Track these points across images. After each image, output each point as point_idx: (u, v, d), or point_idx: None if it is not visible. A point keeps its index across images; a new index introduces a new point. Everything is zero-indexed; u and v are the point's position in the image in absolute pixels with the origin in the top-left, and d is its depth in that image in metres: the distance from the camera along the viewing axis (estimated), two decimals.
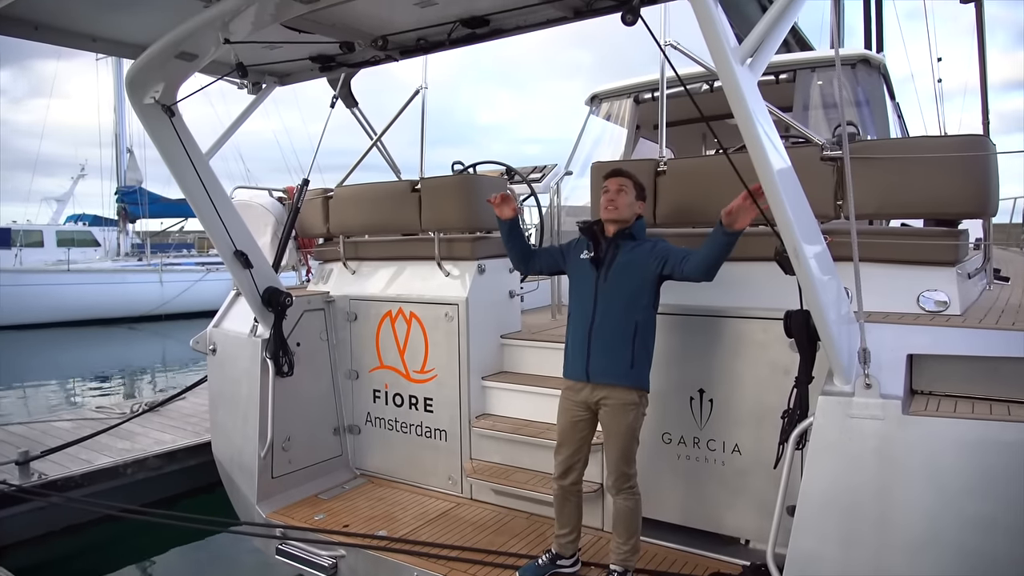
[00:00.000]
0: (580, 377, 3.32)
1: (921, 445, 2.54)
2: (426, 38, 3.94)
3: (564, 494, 3.49)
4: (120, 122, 26.91)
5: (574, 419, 3.39)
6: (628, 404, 3.24)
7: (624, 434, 3.24)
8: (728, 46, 2.25)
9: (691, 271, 3.13)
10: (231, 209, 4.32)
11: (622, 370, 3.23)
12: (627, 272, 3.26)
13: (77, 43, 3.70)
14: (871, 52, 6.59)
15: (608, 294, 3.27)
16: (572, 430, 3.40)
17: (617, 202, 3.32)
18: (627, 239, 3.34)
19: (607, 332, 3.26)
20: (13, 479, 5.33)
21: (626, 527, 3.34)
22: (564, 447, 3.45)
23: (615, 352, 3.24)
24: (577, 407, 3.36)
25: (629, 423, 3.24)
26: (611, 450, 3.31)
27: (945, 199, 3.13)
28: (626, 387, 3.24)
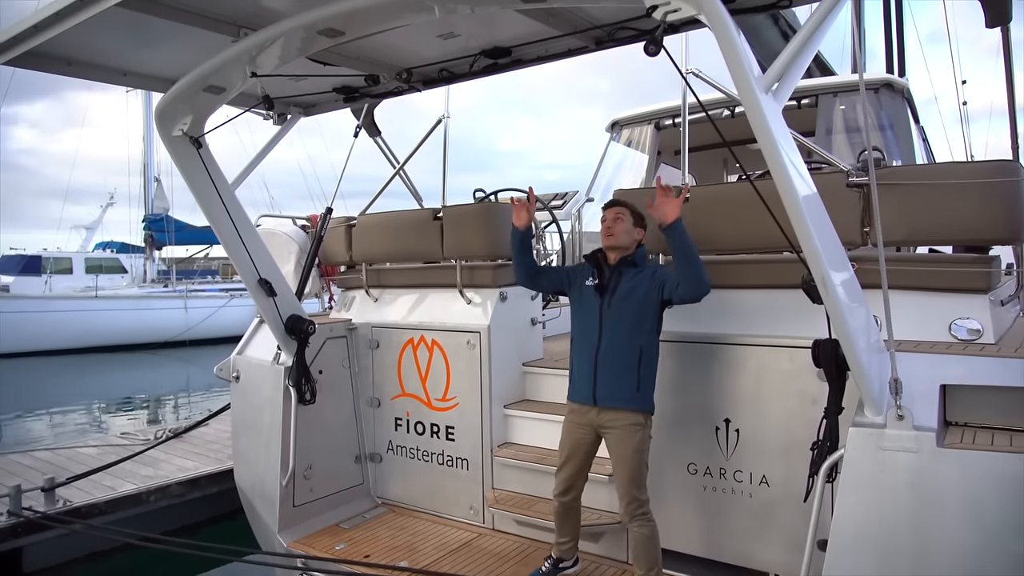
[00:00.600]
0: (587, 400, 3.42)
1: (958, 479, 2.46)
2: (449, 69, 3.99)
3: (565, 509, 3.62)
4: (148, 151, 27.53)
5: (579, 440, 3.49)
6: (634, 425, 3.32)
7: (632, 456, 3.31)
8: (752, 75, 2.25)
9: (682, 291, 3.25)
10: (256, 238, 4.37)
11: (629, 393, 3.33)
12: (631, 298, 3.37)
13: (109, 77, 3.80)
14: (894, 76, 6.55)
15: (613, 320, 3.37)
16: (577, 449, 3.50)
17: (614, 229, 3.46)
18: (629, 266, 3.45)
19: (613, 357, 3.35)
20: (39, 505, 5.37)
21: (645, 556, 3.34)
22: (568, 465, 3.54)
23: (621, 376, 3.34)
24: (582, 428, 3.47)
25: (636, 445, 3.31)
26: (621, 473, 3.35)
27: (976, 225, 3.08)
28: (632, 410, 3.33)
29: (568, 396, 3.56)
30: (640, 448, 3.33)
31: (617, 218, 3.48)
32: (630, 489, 3.32)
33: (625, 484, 3.32)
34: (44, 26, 3.04)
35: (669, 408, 3.76)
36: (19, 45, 3.20)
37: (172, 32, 3.13)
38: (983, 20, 4.44)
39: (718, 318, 3.67)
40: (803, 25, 2.46)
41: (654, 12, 2.36)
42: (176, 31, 3.12)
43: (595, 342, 3.39)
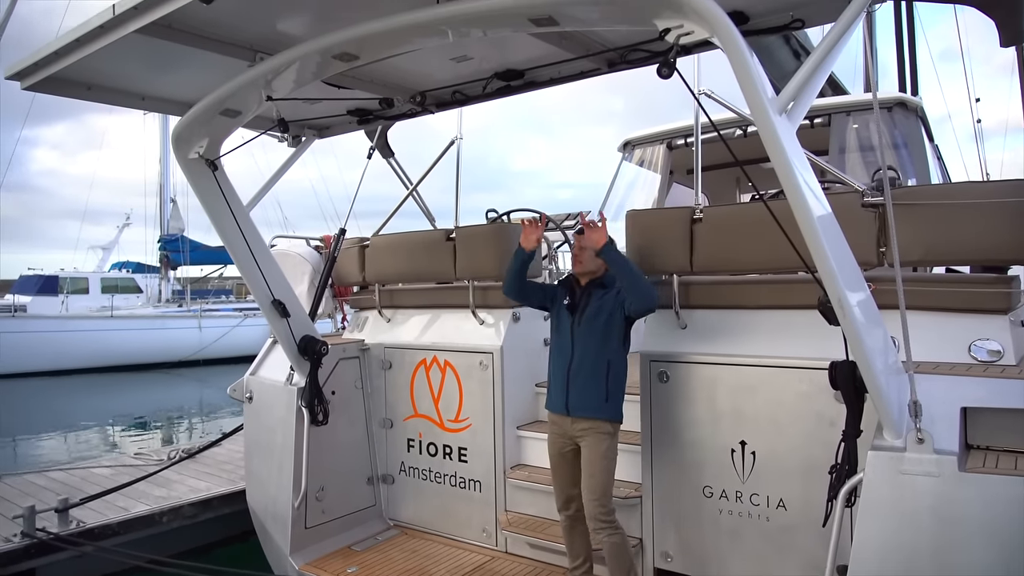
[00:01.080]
0: (561, 410, 3.67)
1: (981, 504, 2.41)
2: (462, 91, 4.02)
3: (571, 523, 3.74)
4: (165, 173, 27.87)
5: (562, 449, 3.71)
6: (603, 434, 3.56)
7: (599, 461, 3.53)
8: (765, 97, 2.24)
9: (633, 306, 3.54)
10: (270, 259, 4.39)
11: (598, 403, 3.58)
12: (598, 317, 3.63)
13: (127, 102, 3.86)
14: (907, 95, 6.55)
15: (583, 336, 3.64)
16: (561, 459, 3.72)
17: (581, 257, 3.76)
18: (598, 288, 3.71)
19: (584, 370, 3.61)
20: (53, 526, 5.37)
21: (619, 565, 3.51)
22: (558, 475, 3.75)
23: (591, 388, 3.59)
24: (562, 439, 3.70)
25: (603, 451, 3.54)
26: (588, 479, 3.56)
27: (993, 245, 3.05)
28: (602, 419, 3.57)
29: (545, 405, 3.83)
30: (607, 455, 3.55)
31: (583, 248, 3.73)
32: (596, 495, 3.52)
33: (591, 489, 3.53)
34: (65, 52, 3.10)
35: (683, 429, 3.73)
36: (40, 70, 3.27)
37: (189, 57, 3.18)
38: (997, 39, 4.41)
39: (733, 338, 3.65)
40: (816, 47, 2.46)
41: (667, 35, 2.37)
42: (193, 56, 3.17)
43: (568, 357, 3.67)
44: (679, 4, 2.24)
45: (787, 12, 2.94)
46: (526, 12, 2.54)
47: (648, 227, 3.97)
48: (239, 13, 2.86)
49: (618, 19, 2.67)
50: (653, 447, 3.83)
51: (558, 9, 2.51)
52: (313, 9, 2.89)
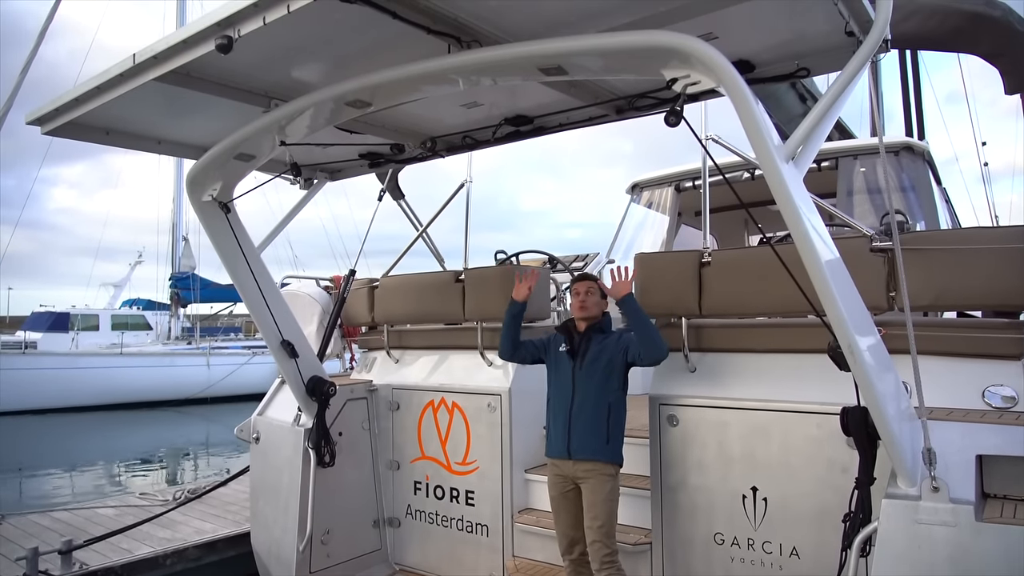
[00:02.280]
0: (562, 455, 3.67)
1: (1000, 555, 2.36)
2: (472, 136, 4.09)
3: (575, 569, 3.71)
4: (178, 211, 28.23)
5: (563, 491, 3.70)
6: (606, 476, 3.57)
7: (601, 503, 3.53)
8: (772, 145, 2.27)
9: (644, 356, 3.58)
10: (279, 300, 4.42)
11: (599, 445, 3.60)
12: (599, 361, 3.67)
13: (144, 146, 3.94)
14: (914, 139, 6.59)
15: (584, 380, 3.68)
16: (563, 500, 3.70)
17: (587, 303, 3.79)
18: (597, 332, 3.77)
19: (585, 413, 3.64)
20: (55, 568, 5.31)
21: None
22: (560, 516, 3.73)
23: (593, 431, 3.61)
24: (564, 481, 3.69)
25: (607, 494, 3.54)
26: (591, 520, 3.54)
27: (1005, 290, 3.03)
28: (603, 461, 3.59)
29: (546, 452, 3.82)
30: (610, 498, 3.56)
31: (589, 291, 3.81)
32: (600, 536, 3.50)
33: (595, 531, 3.51)
34: (85, 99, 3.18)
35: (693, 474, 3.68)
36: (60, 116, 3.35)
37: (205, 103, 3.26)
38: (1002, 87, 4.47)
39: (743, 382, 3.62)
40: (823, 95, 2.50)
41: (674, 84, 2.41)
42: (209, 102, 3.24)
43: (568, 401, 3.69)
44: (686, 55, 2.29)
45: (792, 61, 3.00)
46: (536, 62, 2.60)
47: (657, 270, 3.98)
48: (255, 62, 2.94)
49: (626, 69, 2.72)
50: (663, 492, 3.77)
51: (567, 59, 2.56)
52: (327, 58, 2.97)
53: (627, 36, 2.41)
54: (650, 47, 2.36)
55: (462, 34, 2.69)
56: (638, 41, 2.38)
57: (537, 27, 2.66)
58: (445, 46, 2.71)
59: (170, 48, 2.73)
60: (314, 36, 2.74)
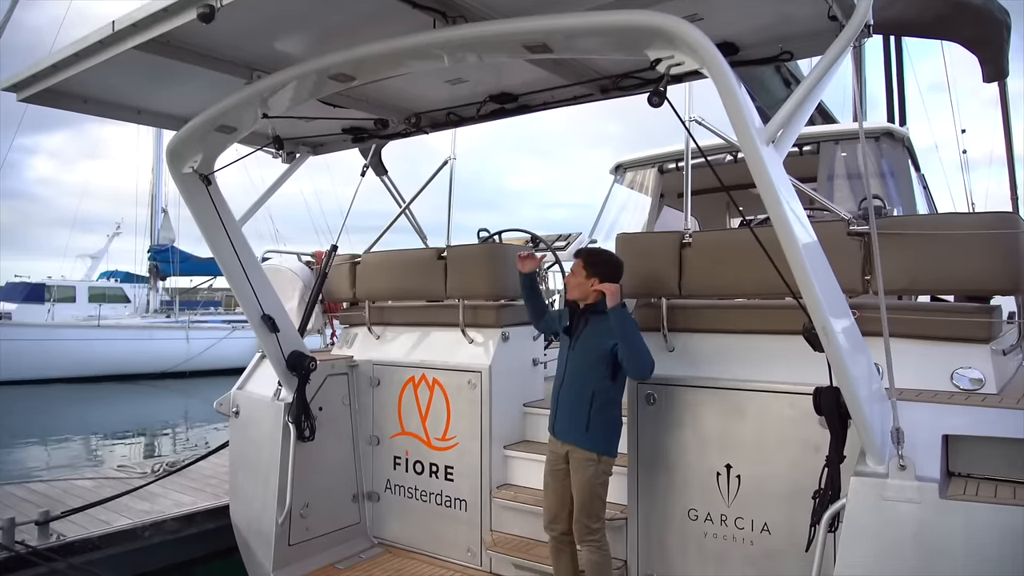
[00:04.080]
0: (552, 431, 3.74)
1: (961, 531, 2.44)
2: (456, 113, 4.07)
3: (557, 545, 3.76)
4: (157, 183, 27.84)
5: (553, 467, 3.73)
6: (587, 460, 3.55)
7: (583, 487, 3.54)
8: (753, 127, 2.29)
9: (626, 369, 3.48)
10: (260, 274, 4.40)
11: (579, 432, 3.57)
12: (589, 343, 3.62)
13: (123, 115, 3.87)
14: (894, 125, 6.65)
15: (574, 362, 3.66)
16: (551, 477, 3.73)
17: (569, 282, 3.74)
18: (596, 314, 3.64)
19: (570, 397, 3.64)
20: (32, 539, 5.30)
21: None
22: (547, 492, 3.77)
23: (573, 415, 3.60)
24: (556, 458, 3.71)
25: (588, 479, 3.53)
26: (575, 500, 3.59)
27: (976, 276, 3.10)
28: (582, 448, 3.56)
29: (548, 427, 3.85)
30: (592, 482, 3.54)
31: (571, 274, 3.73)
32: (581, 516, 3.56)
33: (577, 510, 3.57)
34: (63, 65, 3.12)
35: (669, 452, 3.75)
36: (37, 83, 3.29)
37: (186, 73, 3.21)
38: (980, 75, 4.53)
39: (720, 362, 3.68)
40: (806, 78, 2.52)
41: (658, 65, 2.42)
42: (191, 73, 3.20)
43: (560, 381, 3.71)
44: (670, 35, 2.30)
45: (776, 44, 3.01)
46: (521, 39, 2.59)
47: (638, 250, 4.02)
48: (238, 32, 2.89)
49: (611, 48, 2.72)
50: (639, 469, 3.84)
51: (552, 37, 2.56)
52: (311, 30, 2.93)
53: (612, 15, 2.41)
54: (635, 27, 2.36)
55: (448, 9, 2.67)
56: (623, 20, 2.38)
57: (523, 4, 2.64)
58: (431, 21, 2.69)
59: (150, 16, 2.68)
60: (298, 7, 2.71)
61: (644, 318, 3.97)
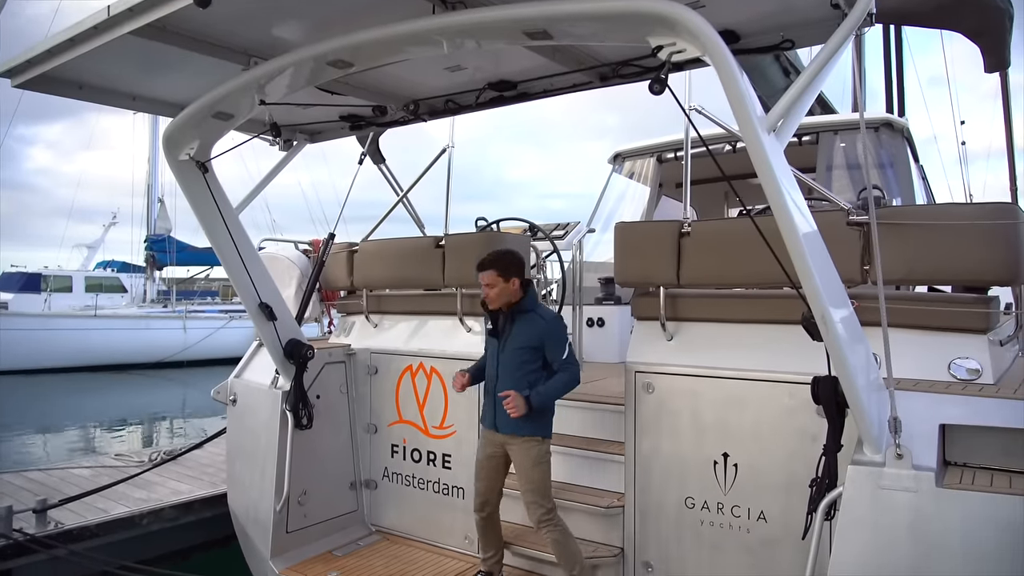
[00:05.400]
0: (491, 428, 3.84)
1: (957, 520, 2.45)
2: (455, 101, 4.04)
3: (485, 523, 3.99)
4: (153, 173, 27.73)
5: (489, 454, 3.88)
6: (530, 443, 3.73)
7: (531, 468, 3.70)
8: (755, 116, 2.28)
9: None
10: (258, 262, 4.39)
11: (522, 422, 3.68)
12: (518, 342, 3.74)
13: (118, 102, 3.85)
14: (894, 116, 6.64)
15: (506, 362, 3.77)
16: (487, 463, 3.90)
17: (489, 296, 3.77)
18: (520, 313, 3.78)
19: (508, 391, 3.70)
20: (30, 527, 5.31)
21: (566, 557, 3.72)
22: (480, 478, 3.93)
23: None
24: (493, 447, 3.86)
25: (534, 458, 3.71)
26: (524, 484, 3.74)
27: (975, 266, 3.10)
28: (526, 436, 3.72)
29: (480, 418, 4.04)
30: (539, 461, 3.72)
31: (488, 285, 3.74)
32: (536, 499, 3.70)
33: (529, 492, 3.71)
34: (58, 51, 3.09)
35: (667, 440, 3.75)
36: (32, 69, 3.26)
37: (183, 60, 3.19)
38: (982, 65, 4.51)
39: (718, 352, 3.68)
40: (806, 67, 2.51)
41: (659, 52, 2.40)
42: (187, 59, 3.17)
43: (494, 380, 3.80)
44: (672, 22, 2.28)
45: (777, 32, 3.00)
46: (521, 25, 2.57)
47: (636, 239, 4.01)
48: (235, 18, 2.87)
49: (612, 35, 2.70)
50: (636, 457, 3.85)
51: (553, 23, 2.54)
52: (309, 16, 2.91)
53: (614, 1, 2.39)
54: (637, 13, 2.35)
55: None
56: (625, 7, 2.36)
57: None
58: (429, 6, 2.67)
59: (146, 1, 2.66)
60: None
61: (642, 307, 3.97)
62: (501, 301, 3.77)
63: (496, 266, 3.73)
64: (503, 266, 3.74)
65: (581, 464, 4.29)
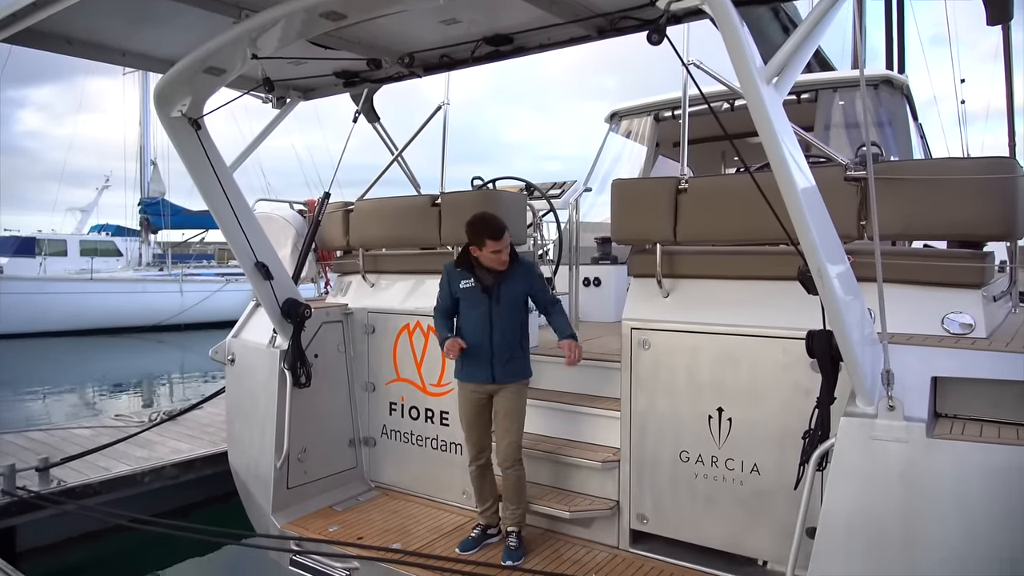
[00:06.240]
0: (486, 381, 3.91)
1: (947, 470, 2.50)
2: (450, 55, 3.99)
3: (481, 472, 4.06)
4: (145, 135, 27.37)
5: (479, 404, 3.97)
6: (521, 388, 3.95)
7: (517, 412, 3.91)
8: (754, 66, 2.26)
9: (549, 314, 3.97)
10: (253, 221, 4.37)
11: (516, 368, 3.92)
12: (511, 293, 3.89)
13: (107, 57, 3.78)
14: (894, 72, 6.57)
15: (503, 316, 3.87)
16: (479, 415, 3.98)
17: (504, 258, 3.82)
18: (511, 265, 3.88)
19: (507, 345, 3.88)
20: (32, 485, 5.38)
21: (519, 496, 3.97)
22: (474, 430, 4.00)
23: (515, 359, 3.91)
24: (480, 395, 3.96)
25: (521, 403, 3.94)
26: (509, 424, 3.88)
27: (971, 221, 3.10)
28: (524, 379, 3.97)
29: (463, 378, 4.00)
30: (523, 404, 3.95)
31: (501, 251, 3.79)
32: (516, 440, 3.90)
33: (515, 432, 3.90)
34: (44, 3, 3.03)
35: (662, 396, 3.79)
36: (18, 22, 3.19)
37: (173, 13, 3.13)
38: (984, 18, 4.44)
39: (713, 308, 3.70)
40: (806, 18, 2.47)
41: (658, 1, 2.37)
42: (177, 11, 3.11)
43: (488, 337, 3.86)
44: None
45: None
46: None
47: (633, 196, 3.99)
48: None
49: None
50: (632, 413, 3.89)
51: None
52: None
53: None
54: None
55: None
56: None
57: None
58: None
59: None
60: None
61: (639, 264, 3.97)
62: (504, 263, 3.84)
63: (506, 229, 3.81)
64: (505, 227, 3.82)
65: (578, 420, 4.34)
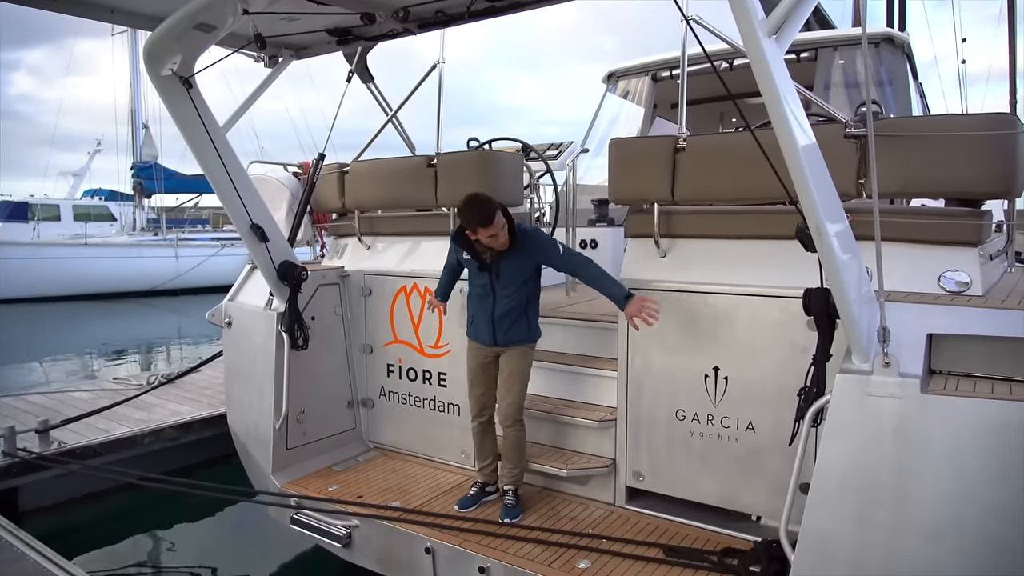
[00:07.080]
0: (490, 344, 3.94)
1: (940, 425, 2.52)
2: (445, 11, 3.91)
3: (483, 429, 4.10)
4: (136, 98, 26.96)
5: (484, 362, 4.01)
6: (527, 350, 3.98)
7: (522, 374, 3.93)
8: (756, 19, 2.22)
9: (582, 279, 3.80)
10: (247, 183, 4.32)
11: (523, 334, 3.93)
12: (514, 269, 3.82)
13: (95, 14, 3.71)
14: (895, 31, 6.47)
15: (504, 289, 3.85)
16: (483, 372, 4.02)
17: (501, 241, 3.71)
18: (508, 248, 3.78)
19: (510, 315, 3.86)
20: (33, 447, 5.42)
21: (518, 455, 4.01)
22: (477, 387, 4.05)
23: (517, 326, 3.90)
24: (485, 354, 3.99)
25: (527, 364, 3.96)
26: (513, 384, 3.91)
27: (970, 179, 3.08)
28: (528, 343, 3.97)
29: (470, 335, 4.06)
30: (528, 366, 3.97)
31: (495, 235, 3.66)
32: (518, 400, 3.92)
33: (518, 392, 3.92)
34: None
35: (659, 355, 3.81)
36: None
37: None
38: None
39: (711, 267, 3.70)
40: None
41: None
42: None
43: (490, 307, 3.88)
44: None
45: None
46: None
47: (631, 156, 3.96)
48: None
49: None
50: (628, 372, 3.92)
51: None
52: None
53: None
54: None
55: None
56: None
57: None
58: None
59: None
60: None
61: (636, 224, 3.96)
62: (507, 240, 3.72)
63: (497, 212, 3.64)
64: (496, 209, 3.64)
65: (575, 380, 4.37)
